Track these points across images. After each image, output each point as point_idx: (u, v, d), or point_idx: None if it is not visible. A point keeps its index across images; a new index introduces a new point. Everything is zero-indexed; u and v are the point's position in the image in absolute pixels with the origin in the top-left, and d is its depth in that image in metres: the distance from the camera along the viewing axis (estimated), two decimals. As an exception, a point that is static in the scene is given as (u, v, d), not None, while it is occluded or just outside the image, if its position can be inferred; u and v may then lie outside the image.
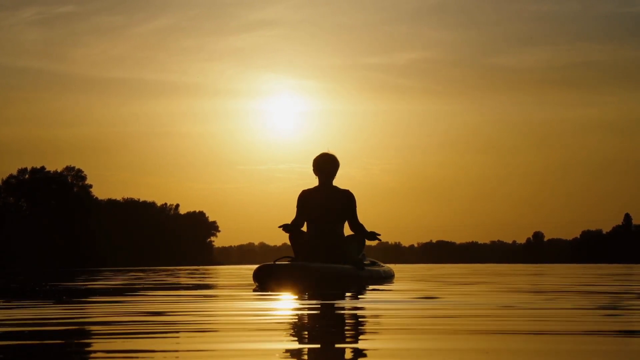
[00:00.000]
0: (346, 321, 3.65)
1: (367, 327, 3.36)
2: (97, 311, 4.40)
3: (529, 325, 3.39)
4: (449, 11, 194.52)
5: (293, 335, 3.05)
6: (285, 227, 8.19)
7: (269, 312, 4.29)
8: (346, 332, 3.19)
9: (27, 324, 3.54)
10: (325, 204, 8.30)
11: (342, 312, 4.16)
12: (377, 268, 8.94)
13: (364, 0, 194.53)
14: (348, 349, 2.68)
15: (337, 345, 2.77)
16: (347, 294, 5.80)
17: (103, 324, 3.54)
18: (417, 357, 2.47)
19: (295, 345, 2.76)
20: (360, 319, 3.74)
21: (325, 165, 8.38)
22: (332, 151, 8.50)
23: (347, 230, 8.46)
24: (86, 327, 3.48)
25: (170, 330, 3.31)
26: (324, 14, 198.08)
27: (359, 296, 5.59)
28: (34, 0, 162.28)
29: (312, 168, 8.43)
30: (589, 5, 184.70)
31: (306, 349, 2.68)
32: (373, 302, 5.00)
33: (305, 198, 8.37)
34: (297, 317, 3.94)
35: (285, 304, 4.92)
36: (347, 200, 8.37)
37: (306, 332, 3.20)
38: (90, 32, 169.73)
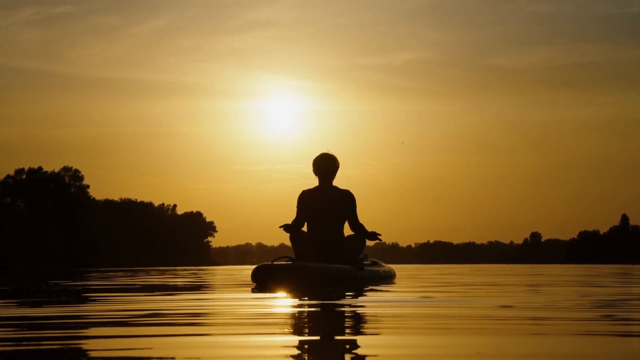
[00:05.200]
0: (343, 322, 3.65)
1: (364, 328, 3.36)
2: (94, 309, 4.39)
3: (525, 326, 3.40)
4: (446, 12, 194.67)
5: (290, 336, 3.05)
6: (285, 227, 8.20)
7: (268, 312, 4.28)
8: (343, 333, 3.19)
9: (24, 323, 3.54)
10: (325, 204, 8.30)
11: (339, 312, 4.16)
12: (376, 268, 8.94)
13: (361, 1, 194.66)
14: (345, 350, 2.69)
15: (334, 347, 2.77)
16: (345, 295, 5.79)
17: (99, 324, 3.54)
18: (413, 356, 2.48)
19: (293, 346, 2.76)
20: (357, 320, 3.75)
21: (325, 165, 8.38)
22: (331, 151, 8.51)
23: (348, 231, 8.47)
24: (82, 326, 3.47)
25: (168, 330, 3.31)
26: (321, 15, 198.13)
27: (356, 297, 5.58)
28: (32, 1, 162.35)
29: (311, 168, 8.43)
30: (586, 6, 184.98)
31: (304, 350, 2.68)
32: (370, 302, 5.00)
33: (305, 198, 8.37)
34: (295, 317, 3.93)
35: (284, 304, 4.92)
36: (347, 200, 8.37)
37: (304, 333, 3.20)
38: (88, 32, 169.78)
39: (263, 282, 7.39)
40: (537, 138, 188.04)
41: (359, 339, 2.92)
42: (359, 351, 2.61)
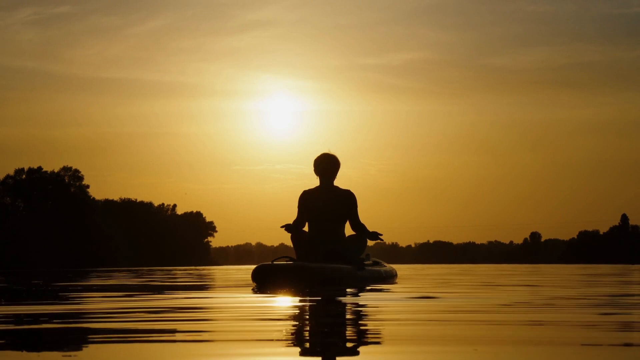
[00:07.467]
0: (343, 322, 3.65)
1: (363, 329, 3.36)
2: (93, 309, 4.39)
3: (524, 325, 3.39)
4: (445, 12, 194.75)
5: (290, 337, 3.05)
6: (287, 227, 8.21)
7: (268, 312, 4.28)
8: (343, 334, 3.18)
9: (24, 323, 3.54)
10: (326, 204, 8.31)
11: (339, 313, 4.16)
12: (377, 268, 8.95)
13: (360, 1, 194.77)
14: (345, 352, 2.68)
15: (334, 348, 2.77)
16: (345, 295, 5.79)
17: (99, 325, 3.54)
18: (410, 356, 2.48)
19: (292, 348, 2.75)
20: (356, 321, 3.74)
21: (326, 165, 8.39)
22: (332, 151, 8.51)
23: (349, 230, 8.47)
24: (82, 326, 3.47)
25: (168, 330, 3.30)
26: (320, 15, 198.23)
27: (356, 297, 5.58)
28: (31, 1, 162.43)
29: (312, 168, 8.44)
30: (585, 6, 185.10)
31: (304, 351, 2.68)
32: (370, 303, 5.00)
33: (306, 198, 8.38)
34: (294, 318, 3.93)
35: (284, 305, 4.91)
36: (347, 200, 8.37)
37: (303, 334, 3.20)
38: (87, 32, 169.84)
39: (263, 282, 7.38)
40: (537, 138, 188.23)
41: (358, 341, 2.92)
42: (358, 353, 2.60)
